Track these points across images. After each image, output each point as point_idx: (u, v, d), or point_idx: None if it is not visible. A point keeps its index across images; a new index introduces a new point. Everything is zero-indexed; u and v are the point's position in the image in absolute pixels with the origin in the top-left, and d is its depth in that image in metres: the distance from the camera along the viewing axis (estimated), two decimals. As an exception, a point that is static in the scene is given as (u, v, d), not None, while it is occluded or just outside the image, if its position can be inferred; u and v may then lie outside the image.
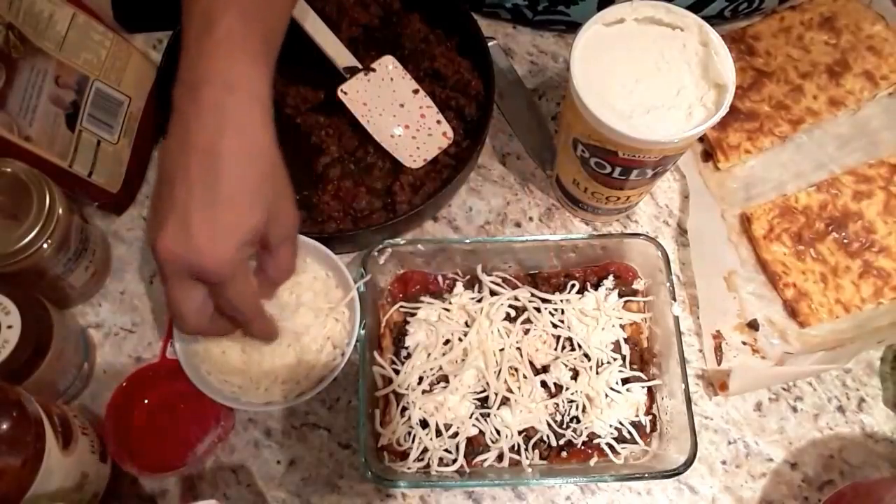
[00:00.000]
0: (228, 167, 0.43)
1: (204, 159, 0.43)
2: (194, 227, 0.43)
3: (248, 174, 0.44)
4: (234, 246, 0.44)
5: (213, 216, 0.43)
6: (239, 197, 0.44)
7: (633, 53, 0.54)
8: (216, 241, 0.43)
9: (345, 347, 0.59)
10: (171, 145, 0.44)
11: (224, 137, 0.43)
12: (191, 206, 0.43)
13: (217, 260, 0.44)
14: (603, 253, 0.63)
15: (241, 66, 0.45)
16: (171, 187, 0.43)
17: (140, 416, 0.60)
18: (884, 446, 0.63)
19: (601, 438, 0.57)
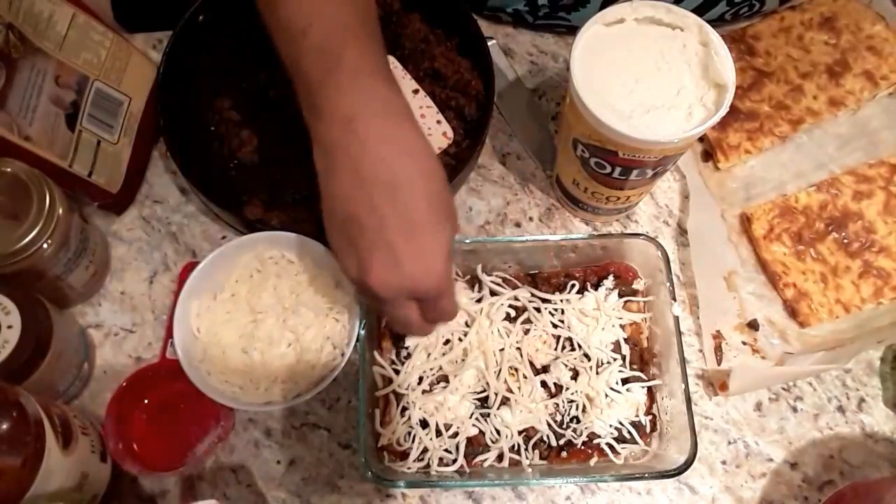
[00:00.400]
0: (413, 192, 0.44)
1: (386, 191, 0.44)
2: (403, 257, 0.44)
3: (432, 191, 0.45)
4: (443, 262, 0.45)
5: (416, 242, 0.44)
6: (433, 216, 0.45)
7: (633, 53, 0.54)
8: (427, 264, 0.45)
9: (345, 347, 0.59)
10: (342, 183, 0.45)
11: (399, 164, 0.44)
12: (391, 237, 0.44)
13: (434, 279, 0.45)
14: (603, 253, 0.63)
15: (383, 92, 0.46)
16: (360, 224, 0.44)
17: (140, 416, 0.61)
18: (884, 446, 0.63)
19: (601, 438, 0.57)
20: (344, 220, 0.45)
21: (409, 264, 0.44)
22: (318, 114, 0.45)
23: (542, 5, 0.72)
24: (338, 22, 0.46)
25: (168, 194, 0.70)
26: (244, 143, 0.69)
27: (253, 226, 0.63)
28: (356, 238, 0.45)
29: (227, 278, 0.62)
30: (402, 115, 0.46)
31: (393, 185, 0.44)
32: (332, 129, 0.45)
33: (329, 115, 0.45)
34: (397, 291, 0.45)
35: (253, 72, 0.71)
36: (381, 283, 0.44)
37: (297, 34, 0.46)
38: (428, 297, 0.46)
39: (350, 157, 0.44)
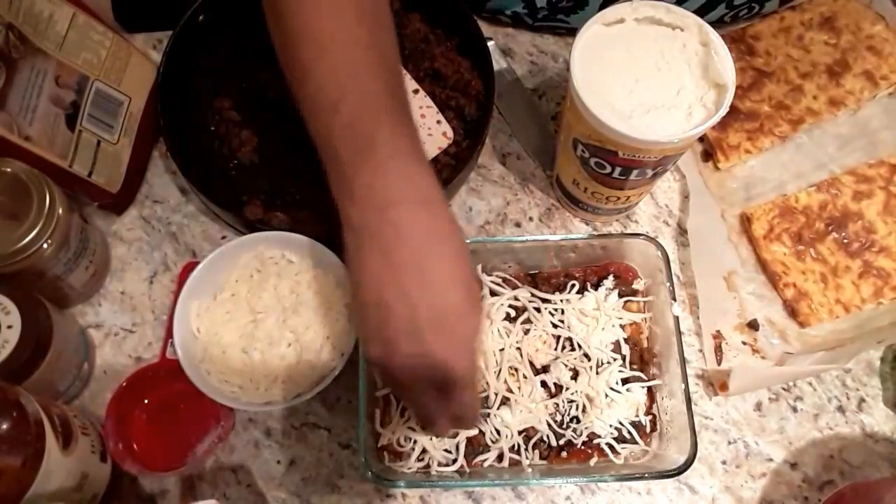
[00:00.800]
0: (444, 279, 0.44)
1: (418, 277, 0.43)
2: (431, 344, 0.43)
3: (462, 279, 0.45)
4: (471, 351, 0.45)
5: (445, 329, 0.43)
6: (462, 304, 0.44)
7: (633, 53, 0.54)
8: (457, 351, 0.44)
9: (345, 347, 0.59)
10: (372, 267, 0.44)
11: (432, 252, 0.44)
12: (420, 324, 0.43)
13: (460, 367, 0.44)
14: (603, 253, 0.63)
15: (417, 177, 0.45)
16: (389, 309, 0.43)
17: (140, 416, 0.61)
18: (884, 446, 0.63)
19: (601, 438, 0.57)
20: (372, 304, 0.44)
21: (436, 351, 0.43)
22: (350, 195, 0.44)
23: (540, 7, 0.72)
24: (370, 97, 0.45)
25: (168, 194, 0.70)
26: (244, 143, 0.69)
27: (253, 226, 0.63)
28: (384, 322, 0.44)
29: (227, 278, 0.62)
30: (435, 201, 0.45)
31: (425, 272, 0.43)
32: (365, 213, 0.44)
33: (361, 199, 0.44)
34: (420, 379, 0.45)
35: (253, 72, 0.71)
36: (405, 369, 0.44)
37: (327, 108, 0.45)
38: (452, 385, 0.45)
39: (382, 243, 0.44)
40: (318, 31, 0.46)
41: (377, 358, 0.45)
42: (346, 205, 0.45)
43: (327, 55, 0.45)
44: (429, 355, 0.43)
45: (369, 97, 0.45)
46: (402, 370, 0.44)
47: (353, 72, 0.45)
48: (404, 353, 0.43)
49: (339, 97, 0.45)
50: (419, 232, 0.44)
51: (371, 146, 0.44)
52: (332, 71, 0.45)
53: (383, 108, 0.45)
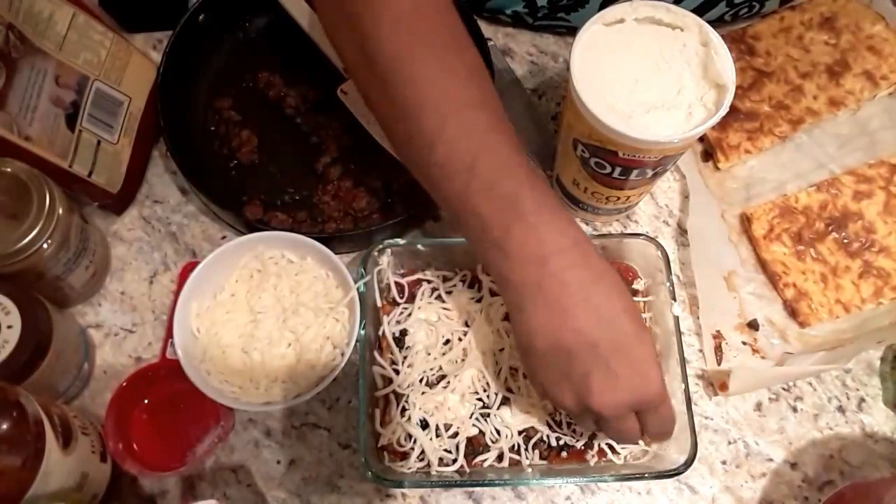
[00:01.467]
0: (614, 312, 0.46)
1: (591, 317, 0.45)
2: (621, 373, 0.45)
3: (628, 307, 0.46)
4: (657, 369, 0.47)
5: (629, 357, 0.45)
6: (635, 329, 0.46)
7: (633, 53, 0.54)
8: (644, 373, 0.46)
9: (345, 347, 0.59)
10: (542, 319, 0.46)
11: (597, 290, 0.46)
12: (605, 358, 0.45)
13: (653, 387, 0.46)
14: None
15: (564, 225, 0.46)
16: (570, 352, 0.45)
17: (140, 416, 0.61)
18: (884, 446, 0.63)
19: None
20: (550, 352, 0.46)
21: (627, 378, 0.45)
22: (505, 254, 0.46)
23: (541, 6, 0.72)
24: (503, 156, 0.46)
25: (168, 194, 0.70)
26: (244, 143, 0.69)
27: (253, 226, 0.63)
28: (567, 366, 0.46)
29: (227, 278, 0.62)
30: (585, 244, 0.47)
31: (595, 310, 0.45)
32: (524, 269, 0.46)
33: (517, 256, 0.46)
34: (621, 407, 0.46)
35: (253, 72, 0.71)
36: (604, 402, 0.45)
37: (462, 172, 0.46)
38: (650, 406, 0.47)
39: (547, 294, 0.45)
40: (435, 98, 0.46)
41: (570, 402, 0.47)
42: (501, 264, 0.46)
43: (451, 121, 0.46)
44: (621, 385, 0.45)
45: (502, 156, 0.46)
46: (602, 405, 0.46)
47: (481, 134, 0.46)
48: (597, 388, 0.45)
49: (473, 160, 0.46)
50: (578, 276, 0.46)
51: (516, 204, 0.45)
52: (460, 136, 0.46)
53: (516, 164, 0.46)
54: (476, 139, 0.46)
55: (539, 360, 0.47)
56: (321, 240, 0.61)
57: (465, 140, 0.46)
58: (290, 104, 0.70)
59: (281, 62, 0.70)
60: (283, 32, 0.71)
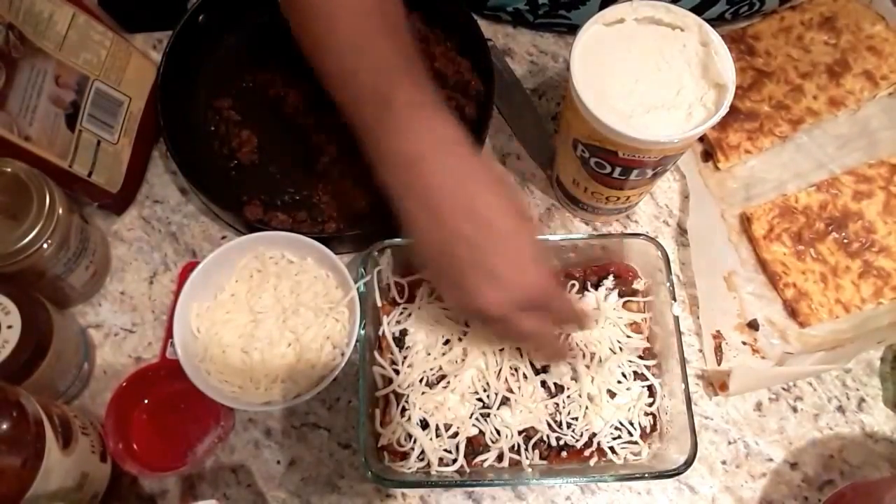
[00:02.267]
0: (488, 208, 0.45)
1: (464, 216, 0.45)
2: (500, 270, 0.44)
3: (504, 202, 0.46)
4: (537, 262, 0.46)
5: (506, 252, 0.45)
6: (512, 224, 0.46)
7: (633, 53, 0.54)
8: (524, 268, 0.45)
9: (345, 347, 0.59)
10: (420, 223, 0.45)
11: (468, 189, 0.45)
12: (481, 256, 0.44)
13: (535, 280, 0.46)
14: (603, 253, 0.63)
15: (438, 126, 0.46)
16: (450, 255, 0.45)
17: (140, 416, 0.61)
18: (884, 446, 0.63)
19: (601, 438, 0.57)
20: (435, 255, 0.46)
21: (507, 274, 0.45)
22: (382, 162, 0.46)
23: (542, 4, 0.72)
24: (384, 61, 0.47)
25: (168, 194, 0.70)
26: (244, 143, 0.69)
27: (253, 226, 0.63)
28: (451, 269, 0.45)
29: (227, 278, 0.62)
30: (458, 142, 0.46)
31: (467, 209, 0.45)
32: (399, 172, 0.46)
33: (390, 163, 0.46)
34: (508, 305, 0.45)
35: (253, 72, 0.71)
36: (489, 302, 0.45)
37: (347, 79, 0.47)
38: (538, 301, 0.46)
39: (421, 195, 0.45)
40: (326, 4, 0.47)
41: (462, 304, 0.46)
42: (381, 172, 0.46)
43: (339, 26, 0.47)
44: (502, 281, 0.44)
45: (383, 61, 0.47)
46: (487, 305, 0.45)
47: (365, 39, 0.47)
48: (479, 288, 0.44)
49: (356, 66, 0.46)
50: (449, 177, 0.45)
51: (389, 106, 0.45)
52: (345, 42, 0.47)
53: (396, 68, 0.46)
54: (361, 46, 0.47)
55: (429, 266, 0.47)
56: (321, 240, 0.61)
57: (349, 46, 0.47)
58: (290, 104, 0.70)
59: (281, 62, 0.70)
60: (283, 32, 0.71)
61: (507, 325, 0.47)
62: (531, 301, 0.46)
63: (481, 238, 0.44)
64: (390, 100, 0.46)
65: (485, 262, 0.44)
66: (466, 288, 0.45)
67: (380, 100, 0.46)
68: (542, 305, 0.47)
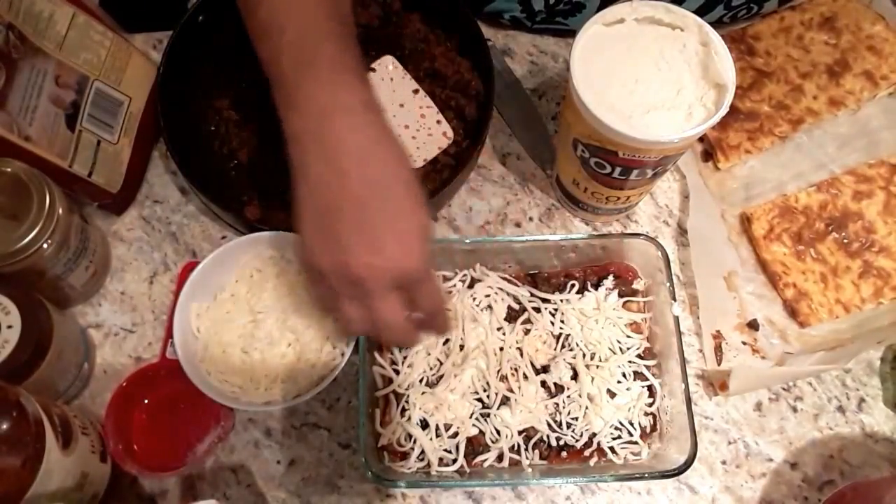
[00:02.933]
0: (391, 179, 0.46)
1: (365, 178, 0.45)
2: (387, 239, 0.45)
3: (407, 179, 0.46)
4: (424, 244, 0.46)
5: (397, 225, 0.45)
6: (410, 201, 0.46)
7: (633, 53, 0.54)
8: (410, 245, 0.45)
9: (345, 347, 0.59)
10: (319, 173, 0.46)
11: (377, 154, 0.46)
12: (372, 222, 0.44)
13: (416, 259, 0.46)
14: (603, 253, 0.63)
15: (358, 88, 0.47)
16: (340, 210, 0.45)
17: (140, 416, 0.61)
18: (884, 446, 0.63)
19: (601, 438, 0.57)
20: (321, 209, 0.46)
21: (391, 246, 0.45)
22: (294, 107, 0.46)
23: (538, 11, 0.72)
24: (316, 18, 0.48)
25: (168, 194, 0.70)
26: (244, 143, 0.69)
27: (253, 226, 0.63)
28: (335, 225, 0.45)
29: (227, 278, 0.62)
30: (374, 109, 0.47)
31: (371, 173, 0.45)
32: (309, 122, 0.46)
33: (305, 109, 0.46)
34: (381, 275, 0.45)
35: (253, 72, 0.71)
36: (364, 266, 0.45)
37: (275, 30, 0.47)
38: (411, 279, 0.46)
39: (325, 150, 0.45)
40: None
41: (331, 262, 0.46)
42: (290, 115, 0.47)
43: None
44: (384, 251, 0.44)
45: (315, 19, 0.47)
46: (361, 268, 0.45)
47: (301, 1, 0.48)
48: (360, 251, 0.44)
49: (287, 19, 0.47)
50: (360, 138, 0.45)
51: (314, 60, 0.46)
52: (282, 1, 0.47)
53: (328, 29, 0.47)
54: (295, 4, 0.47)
55: (310, 217, 0.46)
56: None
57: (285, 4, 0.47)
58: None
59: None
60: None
61: (370, 298, 0.46)
62: (404, 277, 0.46)
63: (378, 203, 0.45)
64: (316, 54, 0.46)
65: (373, 228, 0.44)
66: (346, 248, 0.45)
67: (305, 53, 0.46)
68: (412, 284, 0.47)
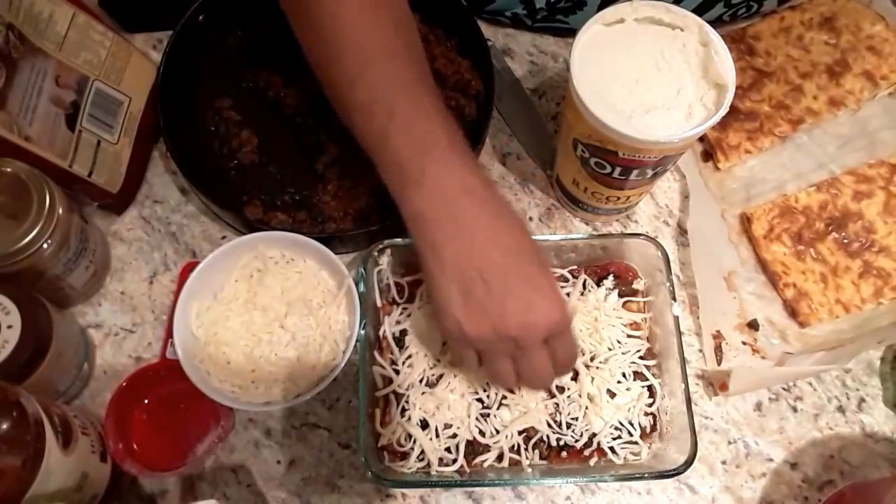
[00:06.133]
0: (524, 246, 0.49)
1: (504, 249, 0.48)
2: (535, 298, 0.48)
3: (533, 244, 0.50)
4: (562, 298, 0.49)
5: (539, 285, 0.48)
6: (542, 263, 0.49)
7: (633, 53, 0.54)
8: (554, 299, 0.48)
9: (345, 347, 0.59)
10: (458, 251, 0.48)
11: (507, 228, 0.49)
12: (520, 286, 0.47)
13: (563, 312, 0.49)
14: (603, 253, 0.63)
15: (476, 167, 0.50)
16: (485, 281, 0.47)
17: (140, 416, 0.61)
18: (884, 446, 0.63)
19: (601, 438, 0.57)
20: (466, 283, 0.48)
21: (539, 303, 0.48)
22: (417, 187, 0.48)
23: (539, 8, 0.72)
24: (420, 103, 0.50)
25: (168, 194, 0.70)
26: (244, 143, 0.69)
27: (253, 226, 0.63)
28: (484, 295, 0.47)
29: (227, 278, 0.62)
30: (492, 184, 0.50)
31: (504, 243, 0.48)
32: (439, 203, 0.48)
33: (432, 190, 0.48)
34: (538, 330, 0.48)
35: (253, 72, 0.71)
36: (521, 325, 0.47)
37: (379, 113, 0.49)
38: (560, 330, 0.49)
39: (462, 228, 0.48)
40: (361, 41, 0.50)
41: (486, 330, 0.48)
42: (411, 195, 0.49)
43: (374, 65, 0.49)
44: (535, 309, 0.48)
45: (419, 97, 0.50)
46: (518, 328, 0.48)
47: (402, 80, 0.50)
48: (513, 312, 0.47)
49: (393, 101, 0.49)
50: (487, 212, 0.49)
51: (433, 145, 0.48)
52: (382, 80, 0.49)
53: (433, 107, 0.50)
54: (397, 85, 0.49)
55: (457, 295, 0.48)
56: (321, 240, 0.61)
57: (385, 84, 0.49)
58: (290, 104, 0.70)
59: (281, 62, 0.70)
60: (283, 32, 0.71)
61: (529, 353, 0.49)
62: (555, 329, 0.49)
63: (519, 269, 0.48)
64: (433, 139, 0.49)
65: (522, 291, 0.47)
66: (499, 313, 0.47)
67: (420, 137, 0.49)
68: (559, 335, 0.50)
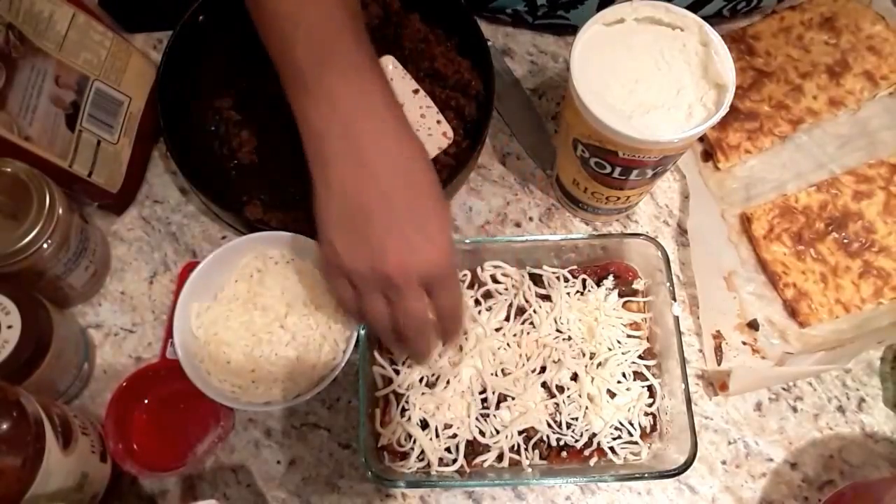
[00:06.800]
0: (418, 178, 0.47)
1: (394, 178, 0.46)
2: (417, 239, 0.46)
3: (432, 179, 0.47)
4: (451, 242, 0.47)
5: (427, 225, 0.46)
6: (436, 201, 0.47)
7: (633, 53, 0.54)
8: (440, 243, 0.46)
9: (345, 347, 0.59)
10: (344, 173, 0.46)
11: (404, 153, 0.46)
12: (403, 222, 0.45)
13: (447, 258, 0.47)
14: (603, 253, 0.63)
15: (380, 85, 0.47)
16: (369, 211, 0.45)
17: (140, 416, 0.61)
18: (884, 446, 0.63)
19: (601, 438, 0.57)
20: (350, 211, 0.46)
21: (423, 244, 0.45)
22: (314, 102, 0.46)
23: (540, 5, 0.72)
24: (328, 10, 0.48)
25: (168, 194, 0.70)
26: (244, 143, 0.69)
27: (253, 226, 0.63)
28: (364, 226, 0.45)
29: (227, 278, 0.62)
30: (397, 107, 0.48)
31: (399, 172, 0.46)
32: (333, 121, 0.46)
33: (328, 106, 0.46)
34: (414, 273, 0.46)
35: (253, 72, 0.71)
36: (399, 265, 0.45)
37: (287, 23, 0.47)
38: (440, 275, 0.47)
39: (355, 149, 0.45)
40: None
41: (362, 265, 0.46)
42: (308, 111, 0.47)
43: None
44: (416, 250, 0.45)
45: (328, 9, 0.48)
46: (396, 268, 0.45)
47: None
48: (394, 251, 0.45)
49: (300, 10, 0.47)
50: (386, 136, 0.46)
51: (333, 54, 0.46)
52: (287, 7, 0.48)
53: (342, 20, 0.48)
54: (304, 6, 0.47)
55: (334, 218, 0.47)
56: (321, 240, 0.61)
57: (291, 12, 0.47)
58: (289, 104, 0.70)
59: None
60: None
61: (401, 297, 0.47)
62: (435, 274, 0.47)
63: (407, 203, 0.45)
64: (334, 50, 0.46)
65: (405, 227, 0.45)
66: (379, 248, 0.45)
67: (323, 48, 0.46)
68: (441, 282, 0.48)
